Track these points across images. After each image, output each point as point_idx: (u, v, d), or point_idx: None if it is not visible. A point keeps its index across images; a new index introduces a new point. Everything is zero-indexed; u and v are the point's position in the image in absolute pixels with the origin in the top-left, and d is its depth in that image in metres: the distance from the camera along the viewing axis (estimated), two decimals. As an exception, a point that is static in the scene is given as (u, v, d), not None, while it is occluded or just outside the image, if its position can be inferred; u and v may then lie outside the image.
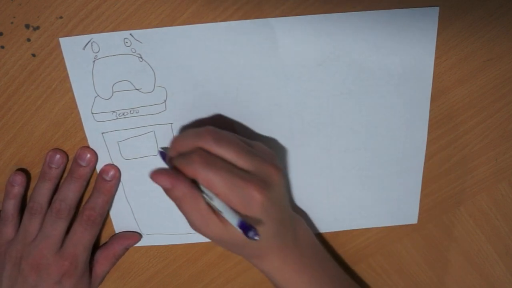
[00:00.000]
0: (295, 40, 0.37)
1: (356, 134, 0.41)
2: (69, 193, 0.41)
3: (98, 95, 0.39)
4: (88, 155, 0.41)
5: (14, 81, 0.38)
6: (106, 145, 0.41)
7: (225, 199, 0.33)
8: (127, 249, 0.46)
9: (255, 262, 0.39)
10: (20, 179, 0.41)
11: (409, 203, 0.45)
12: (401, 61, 0.38)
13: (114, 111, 0.40)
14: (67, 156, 0.42)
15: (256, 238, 0.32)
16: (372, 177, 0.43)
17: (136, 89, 0.39)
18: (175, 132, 0.41)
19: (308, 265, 0.40)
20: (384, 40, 0.37)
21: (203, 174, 0.33)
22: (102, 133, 0.40)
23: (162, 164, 0.39)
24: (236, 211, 0.34)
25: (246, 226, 0.33)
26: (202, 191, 0.35)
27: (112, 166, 0.42)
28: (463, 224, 0.47)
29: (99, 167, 0.42)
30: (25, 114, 0.40)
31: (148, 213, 0.45)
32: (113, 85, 0.38)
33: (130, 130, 0.40)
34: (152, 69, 0.38)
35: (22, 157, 0.42)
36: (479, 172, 0.44)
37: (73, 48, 0.37)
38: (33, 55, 0.38)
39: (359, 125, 0.41)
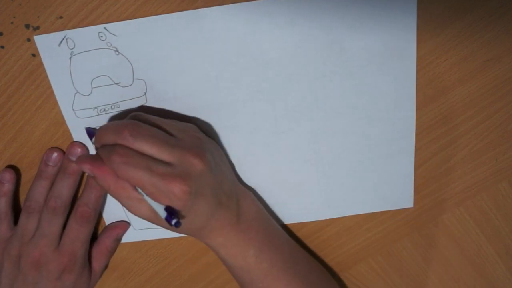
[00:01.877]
0: (272, 23, 0.37)
1: (342, 117, 0.41)
2: (63, 189, 0.40)
3: (77, 92, 0.39)
4: (79, 150, 0.41)
5: (14, 81, 0.38)
6: (91, 142, 0.41)
7: (149, 193, 0.34)
8: (118, 240, 0.46)
9: (200, 239, 0.40)
10: (9, 176, 0.41)
11: (403, 186, 0.44)
12: (382, 39, 0.38)
13: (95, 107, 0.39)
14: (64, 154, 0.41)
15: (178, 225, 0.34)
16: (362, 161, 0.43)
17: (115, 84, 0.39)
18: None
19: (254, 238, 0.40)
20: (363, 18, 0.37)
21: (123, 173, 0.34)
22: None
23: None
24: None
25: (171, 216, 0.34)
26: None
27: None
28: (463, 224, 0.47)
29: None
30: (25, 114, 0.40)
31: None
32: (92, 80, 0.38)
33: None
34: (130, 62, 0.38)
35: (22, 157, 0.42)
36: (479, 172, 0.44)
37: (48, 46, 0.37)
38: (33, 55, 0.37)
39: (344, 108, 0.40)
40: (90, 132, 0.38)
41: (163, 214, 0.34)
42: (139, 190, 0.35)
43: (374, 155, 0.43)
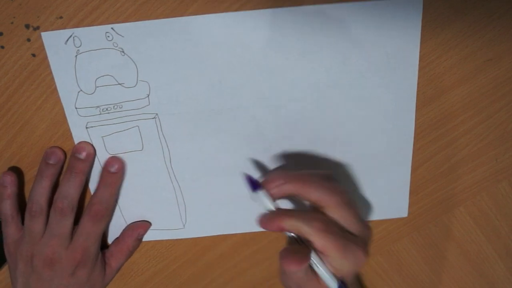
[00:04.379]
0: (277, 31, 0.37)
1: (342, 127, 0.41)
2: (70, 189, 0.40)
3: (81, 90, 0.39)
4: (86, 149, 0.41)
5: (14, 81, 0.39)
6: (91, 140, 0.41)
7: (336, 263, 0.34)
8: (139, 239, 0.46)
9: None
10: (9, 179, 0.41)
11: (398, 197, 0.45)
12: (386, 52, 0.38)
13: (97, 106, 0.39)
14: (65, 154, 0.41)
15: None
16: (359, 170, 0.43)
17: (119, 84, 0.39)
18: (160, 126, 0.41)
19: None
20: (368, 31, 0.37)
21: (321, 242, 0.34)
22: (87, 128, 0.40)
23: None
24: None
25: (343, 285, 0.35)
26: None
27: (116, 158, 0.42)
28: (463, 224, 0.47)
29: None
30: (25, 114, 0.40)
31: (135, 209, 0.45)
32: (96, 79, 0.38)
33: (114, 125, 0.40)
34: (135, 63, 0.38)
35: (22, 157, 0.42)
36: (479, 172, 0.44)
37: (55, 43, 0.37)
38: (33, 55, 0.38)
39: (345, 118, 0.41)
40: (254, 182, 0.36)
41: (334, 284, 0.35)
42: (313, 261, 0.35)
43: (371, 165, 0.43)
